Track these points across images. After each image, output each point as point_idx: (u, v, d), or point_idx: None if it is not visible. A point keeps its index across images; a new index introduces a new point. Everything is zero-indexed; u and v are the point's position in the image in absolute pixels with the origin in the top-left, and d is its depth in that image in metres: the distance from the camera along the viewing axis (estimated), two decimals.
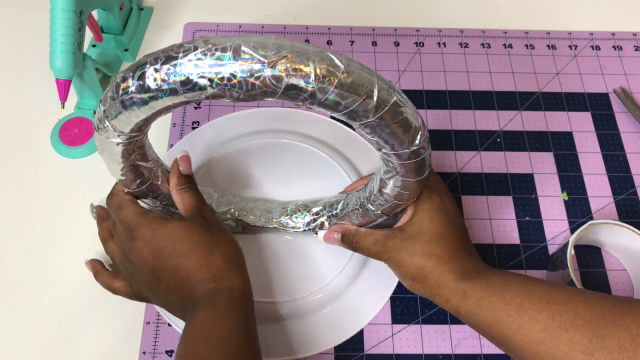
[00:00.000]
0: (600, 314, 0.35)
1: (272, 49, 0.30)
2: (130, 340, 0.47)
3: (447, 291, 0.41)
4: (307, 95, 0.30)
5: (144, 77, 0.31)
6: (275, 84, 0.30)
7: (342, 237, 0.45)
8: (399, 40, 0.65)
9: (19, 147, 0.57)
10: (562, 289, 0.38)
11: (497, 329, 0.38)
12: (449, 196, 0.45)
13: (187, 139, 0.55)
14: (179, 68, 0.30)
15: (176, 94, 0.31)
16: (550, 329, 0.36)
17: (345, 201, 0.47)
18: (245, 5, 0.68)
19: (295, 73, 0.30)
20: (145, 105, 0.33)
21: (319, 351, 0.46)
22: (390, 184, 0.40)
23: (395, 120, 0.33)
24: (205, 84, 0.30)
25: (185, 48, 0.31)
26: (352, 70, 0.31)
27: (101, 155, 0.39)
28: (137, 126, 0.35)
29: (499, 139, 0.58)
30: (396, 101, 0.33)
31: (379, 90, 0.32)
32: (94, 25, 0.57)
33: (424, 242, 0.42)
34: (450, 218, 0.43)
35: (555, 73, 0.63)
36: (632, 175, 0.56)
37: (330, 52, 0.31)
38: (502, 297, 0.38)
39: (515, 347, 0.38)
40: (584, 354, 0.34)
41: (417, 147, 0.35)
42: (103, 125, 0.35)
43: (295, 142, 0.55)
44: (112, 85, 0.33)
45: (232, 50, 0.30)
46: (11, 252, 0.51)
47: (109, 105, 0.34)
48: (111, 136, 0.36)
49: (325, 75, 0.30)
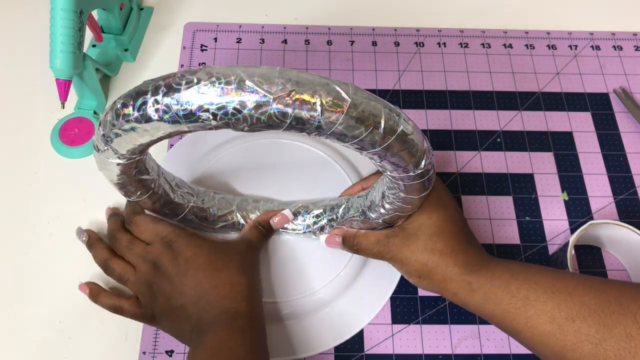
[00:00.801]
0: (606, 302, 0.35)
1: (278, 83, 0.29)
2: (130, 340, 0.47)
3: (454, 285, 0.41)
4: (313, 128, 0.30)
5: (145, 106, 0.31)
6: (280, 119, 0.29)
7: (344, 240, 0.46)
8: (399, 40, 0.65)
9: (19, 147, 0.57)
10: (568, 278, 0.38)
11: (506, 322, 0.39)
12: (445, 189, 0.45)
13: (187, 140, 0.55)
14: (181, 100, 0.30)
15: (178, 124, 0.31)
16: (557, 321, 0.36)
17: (346, 206, 0.47)
18: (245, 5, 0.68)
19: (301, 107, 0.29)
20: (145, 133, 0.32)
21: (319, 351, 0.46)
22: (392, 199, 0.40)
23: (402, 147, 0.33)
24: (209, 117, 0.30)
25: (187, 80, 0.30)
26: (358, 102, 0.30)
27: (101, 171, 0.39)
28: (137, 150, 0.35)
29: (499, 139, 0.58)
30: (403, 130, 0.32)
31: (386, 120, 0.31)
32: (94, 25, 0.57)
33: (426, 238, 0.42)
34: (448, 211, 0.43)
35: (555, 73, 0.63)
36: (632, 175, 0.56)
37: (337, 82, 0.30)
38: (508, 289, 0.38)
39: (525, 339, 0.38)
40: (591, 344, 0.34)
41: (423, 169, 0.35)
42: (102, 147, 0.35)
43: (296, 142, 0.55)
44: (112, 110, 0.33)
45: (236, 83, 0.29)
46: (11, 252, 0.51)
47: (109, 129, 0.33)
48: (110, 157, 0.36)
49: (332, 108, 0.29)
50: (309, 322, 0.47)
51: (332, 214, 0.47)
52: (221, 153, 0.54)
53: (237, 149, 0.54)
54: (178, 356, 0.47)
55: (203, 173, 0.53)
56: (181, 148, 0.55)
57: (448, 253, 0.41)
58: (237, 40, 0.64)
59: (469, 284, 0.40)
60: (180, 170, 0.50)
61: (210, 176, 0.53)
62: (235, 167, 0.53)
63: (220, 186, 0.52)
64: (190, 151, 0.54)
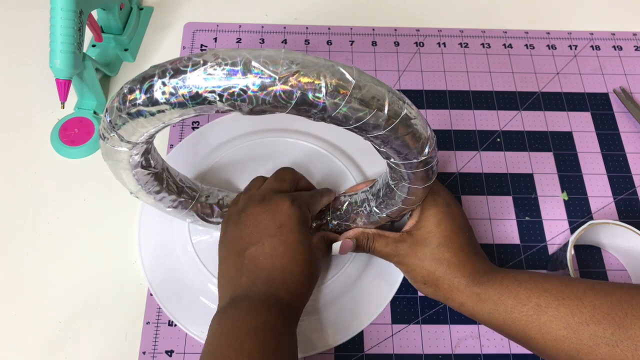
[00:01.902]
0: (618, 305, 0.35)
1: (283, 63, 0.29)
2: (130, 340, 0.47)
3: (460, 295, 0.41)
4: (318, 109, 0.30)
5: (152, 90, 0.31)
6: (286, 99, 0.29)
7: (357, 242, 0.45)
8: (399, 40, 0.65)
9: (19, 147, 0.57)
10: (575, 284, 0.38)
11: (517, 329, 0.39)
12: (452, 198, 0.45)
13: (190, 140, 0.55)
14: (187, 82, 0.30)
15: (185, 107, 0.31)
16: (572, 326, 0.36)
17: (350, 202, 0.47)
18: (245, 5, 0.68)
19: (306, 88, 0.29)
20: (152, 117, 0.32)
21: (319, 351, 0.46)
22: (396, 190, 0.40)
23: (406, 132, 0.33)
24: (215, 99, 0.30)
25: (194, 62, 0.30)
26: (363, 84, 0.30)
27: (106, 161, 0.39)
28: (144, 136, 0.35)
29: (499, 139, 0.58)
30: (407, 113, 0.32)
31: (390, 103, 0.31)
32: (94, 25, 0.57)
33: (434, 246, 0.42)
34: (456, 221, 0.43)
35: (555, 73, 0.63)
36: (632, 175, 0.56)
37: (341, 65, 0.30)
38: (518, 298, 0.39)
39: (537, 345, 0.38)
40: (608, 346, 0.35)
41: (426, 156, 0.35)
42: (109, 134, 0.35)
43: (300, 140, 0.55)
44: (118, 95, 0.33)
45: (242, 64, 0.29)
46: (11, 252, 0.51)
47: (115, 115, 0.33)
48: (117, 145, 0.36)
49: (337, 89, 0.30)
50: (309, 322, 0.47)
51: (336, 211, 0.47)
52: (224, 152, 0.54)
53: (239, 148, 0.54)
54: (178, 356, 0.47)
55: (206, 172, 0.53)
56: (182, 148, 0.55)
57: (456, 264, 0.41)
58: (237, 40, 0.64)
59: (477, 295, 0.40)
60: (182, 169, 0.50)
61: (213, 175, 0.53)
62: (239, 165, 0.53)
63: (223, 184, 0.52)
64: (192, 151, 0.54)
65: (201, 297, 0.48)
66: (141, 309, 0.49)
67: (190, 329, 0.47)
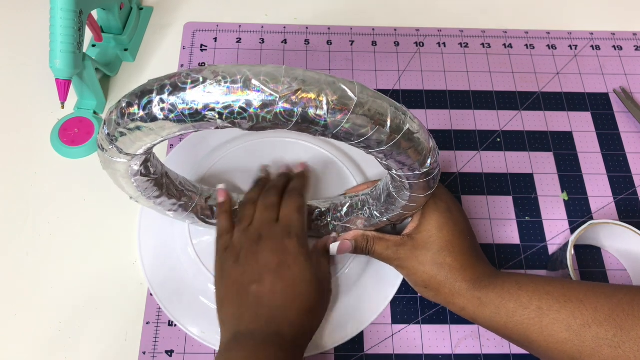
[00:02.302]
0: (619, 307, 0.36)
1: (284, 82, 0.29)
2: (130, 340, 0.47)
3: (462, 300, 0.41)
4: (319, 127, 0.30)
5: (150, 106, 0.30)
6: (287, 118, 0.29)
7: (356, 243, 0.45)
8: (399, 40, 0.65)
9: (19, 147, 0.57)
10: (576, 286, 0.39)
11: (519, 332, 0.39)
12: (454, 201, 0.45)
13: (190, 140, 0.55)
14: (186, 99, 0.29)
15: (184, 123, 0.30)
16: (574, 328, 0.36)
17: (350, 204, 0.47)
18: (245, 5, 0.68)
19: (308, 106, 0.29)
20: (151, 132, 0.32)
21: (319, 351, 0.46)
22: (397, 197, 0.40)
23: (409, 146, 0.33)
24: (214, 117, 0.29)
25: (193, 79, 0.29)
26: (365, 100, 0.30)
27: (105, 170, 0.39)
28: (143, 149, 0.35)
29: (499, 139, 0.58)
30: (409, 128, 0.32)
31: (392, 118, 0.31)
32: (94, 25, 0.57)
33: (435, 251, 0.42)
34: (458, 225, 0.43)
35: (555, 73, 0.63)
36: (632, 175, 0.56)
37: (343, 81, 0.30)
38: (520, 301, 0.39)
39: (539, 348, 0.38)
40: (610, 348, 0.35)
41: (428, 168, 0.35)
42: (107, 146, 0.35)
43: (300, 141, 0.55)
44: (117, 109, 0.32)
45: (242, 82, 0.29)
46: (11, 252, 0.51)
47: (113, 129, 0.33)
48: (115, 156, 0.36)
49: (338, 107, 0.29)
50: None
51: (336, 212, 0.47)
52: (224, 153, 0.54)
53: (239, 149, 0.54)
54: (178, 356, 0.47)
55: (206, 173, 0.53)
56: (182, 149, 0.55)
57: (457, 268, 0.41)
58: (237, 40, 0.64)
59: (478, 299, 0.40)
60: (182, 171, 0.50)
61: (213, 176, 0.53)
62: (239, 166, 0.53)
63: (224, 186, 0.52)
64: (192, 152, 0.54)
65: (201, 297, 0.48)
66: (141, 309, 0.49)
67: (190, 329, 0.47)
